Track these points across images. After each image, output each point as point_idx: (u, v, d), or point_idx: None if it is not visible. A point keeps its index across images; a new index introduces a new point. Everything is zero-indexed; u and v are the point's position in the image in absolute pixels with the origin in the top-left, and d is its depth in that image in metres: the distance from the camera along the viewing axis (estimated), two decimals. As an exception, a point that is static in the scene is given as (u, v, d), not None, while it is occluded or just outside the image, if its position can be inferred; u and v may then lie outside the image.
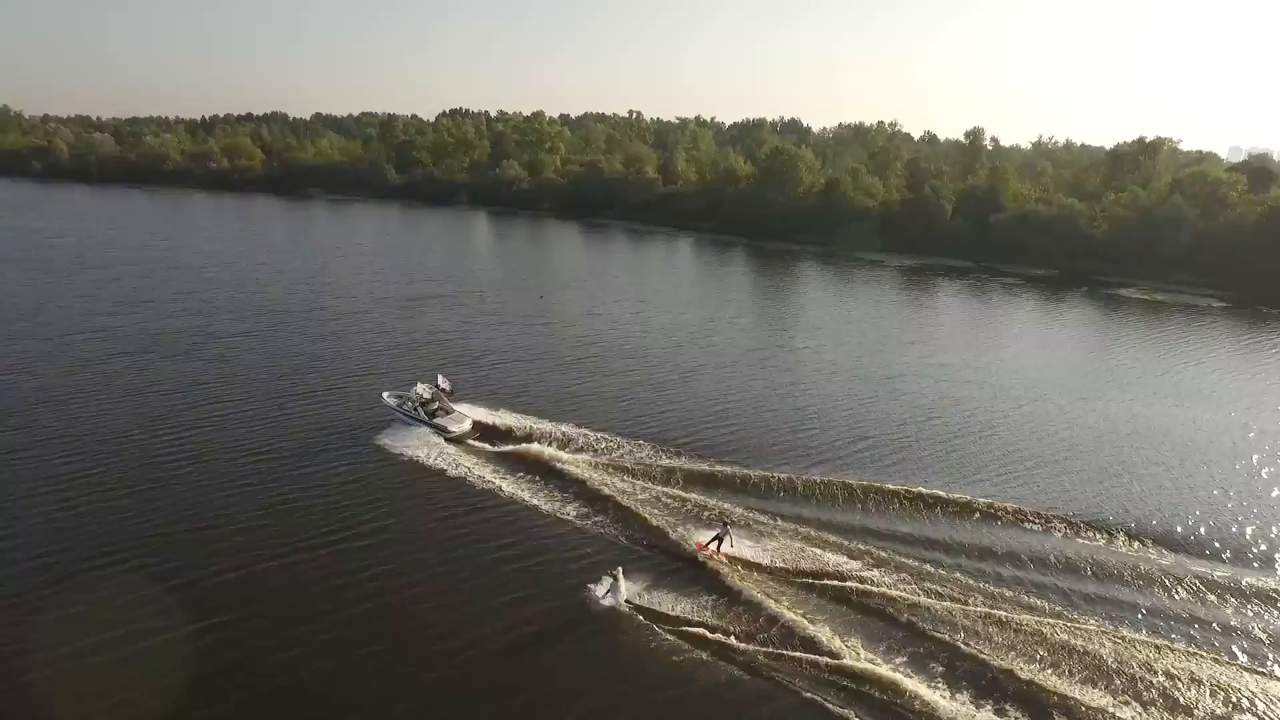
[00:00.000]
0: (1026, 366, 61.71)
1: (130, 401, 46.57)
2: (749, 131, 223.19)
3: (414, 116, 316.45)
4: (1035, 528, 35.06)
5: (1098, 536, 34.58)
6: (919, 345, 66.35)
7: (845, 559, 31.71)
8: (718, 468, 39.89)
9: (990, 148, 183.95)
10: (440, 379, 46.85)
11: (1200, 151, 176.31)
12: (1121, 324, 78.16)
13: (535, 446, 41.49)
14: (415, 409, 44.03)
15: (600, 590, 28.57)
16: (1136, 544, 34.09)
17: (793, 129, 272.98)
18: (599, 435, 43.26)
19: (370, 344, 61.07)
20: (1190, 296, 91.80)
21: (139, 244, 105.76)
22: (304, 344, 60.17)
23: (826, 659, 25.53)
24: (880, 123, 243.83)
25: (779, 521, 34.53)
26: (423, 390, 45.24)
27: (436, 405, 44.48)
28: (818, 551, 32.13)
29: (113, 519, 33.26)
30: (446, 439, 42.23)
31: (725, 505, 35.68)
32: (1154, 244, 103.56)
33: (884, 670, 25.10)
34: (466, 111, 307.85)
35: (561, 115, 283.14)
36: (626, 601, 28.20)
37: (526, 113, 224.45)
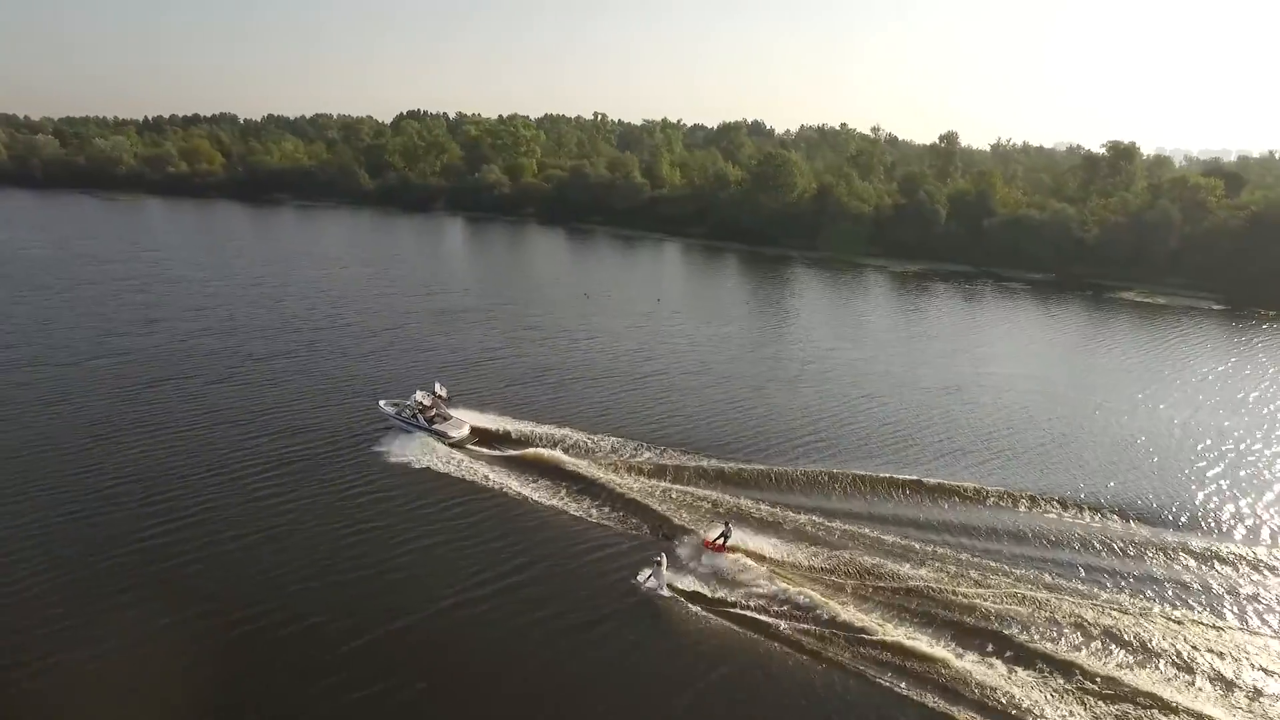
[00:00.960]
0: (1081, 375, 62.78)
1: (196, 436, 43.71)
2: (724, 134, 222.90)
3: (369, 118, 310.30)
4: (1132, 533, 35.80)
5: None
6: (965, 354, 67.20)
7: (863, 548, 34.12)
8: (724, 464, 41.69)
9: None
10: (437, 386, 47.00)
11: (1159, 156, 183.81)
12: (1142, 329, 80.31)
13: (543, 450, 42.28)
14: (414, 416, 44.42)
15: (643, 577, 30.65)
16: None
17: (756, 131, 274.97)
18: (600, 438, 44.29)
19: (422, 361, 58.87)
20: (1188, 299, 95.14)
21: (122, 255, 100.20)
22: (348, 364, 57.66)
23: (831, 628, 28.37)
24: (844, 124, 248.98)
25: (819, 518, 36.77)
26: (422, 397, 45.54)
27: (435, 412, 44.89)
28: (838, 541, 34.65)
29: (229, 567, 31.05)
30: (447, 444, 42.82)
31: (729, 499, 37.79)
32: (1144, 248, 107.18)
33: (892, 637, 27.73)
34: (425, 113, 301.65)
35: (520, 117, 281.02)
36: (667, 586, 30.35)
37: (473, 113, 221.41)
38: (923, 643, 27.61)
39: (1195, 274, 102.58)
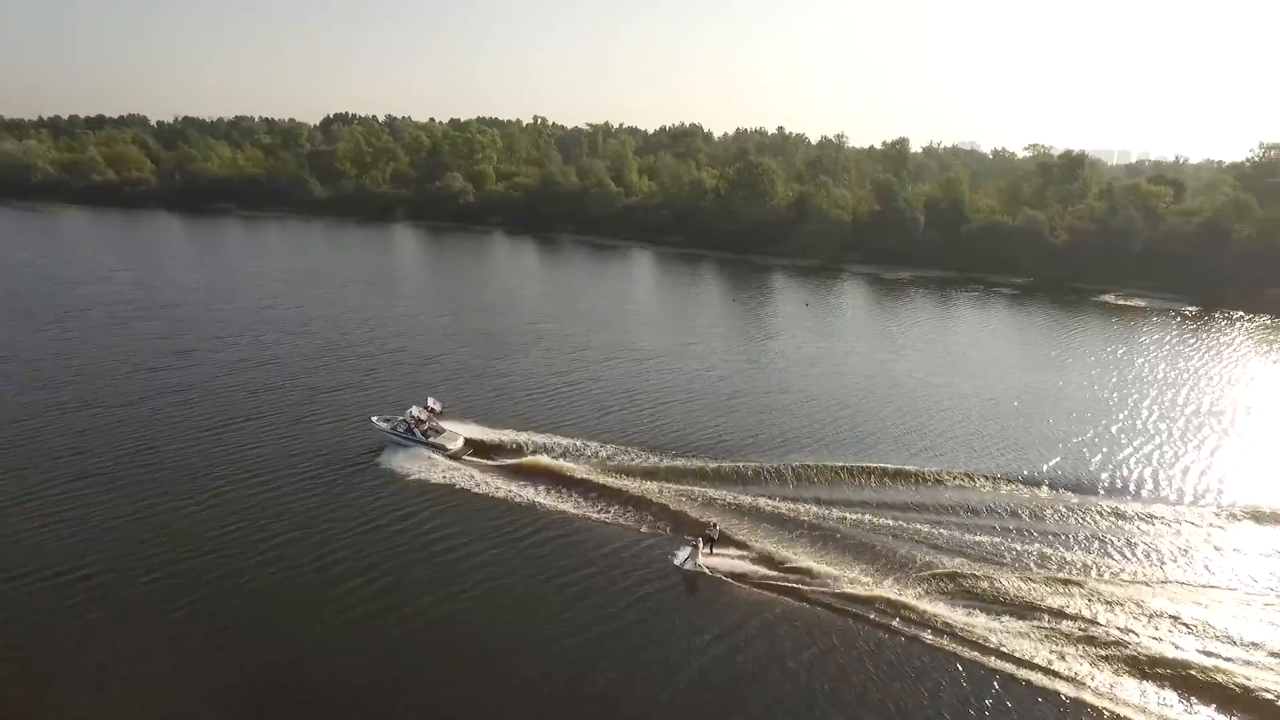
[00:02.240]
0: (1130, 387, 66.20)
1: (324, 477, 41.27)
2: (680, 139, 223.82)
3: (292, 120, 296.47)
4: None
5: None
6: (997, 365, 70.06)
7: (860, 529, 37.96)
8: (717, 464, 44.39)
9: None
10: (430, 400, 48.04)
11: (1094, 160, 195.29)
12: (1140, 332, 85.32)
13: (540, 458, 43.92)
14: (409, 430, 45.26)
15: (681, 558, 33.97)
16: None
17: (694, 134, 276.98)
18: (591, 443, 46.19)
19: (504, 387, 57.26)
20: (1161, 302, 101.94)
21: (90, 276, 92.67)
22: (418, 391, 55.04)
23: (840, 592, 32.48)
24: (781, 127, 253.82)
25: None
26: (417, 412, 46.33)
27: (428, 425, 45.83)
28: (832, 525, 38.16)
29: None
30: (445, 456, 44.07)
31: (724, 496, 40.56)
32: (1111, 252, 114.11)
33: (884, 592, 32.31)
34: (354, 116, 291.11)
35: (452, 120, 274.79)
36: (701, 565, 33.43)
37: (403, 116, 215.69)
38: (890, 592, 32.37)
39: (1160, 277, 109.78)
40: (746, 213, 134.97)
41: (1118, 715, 26.49)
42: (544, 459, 43.82)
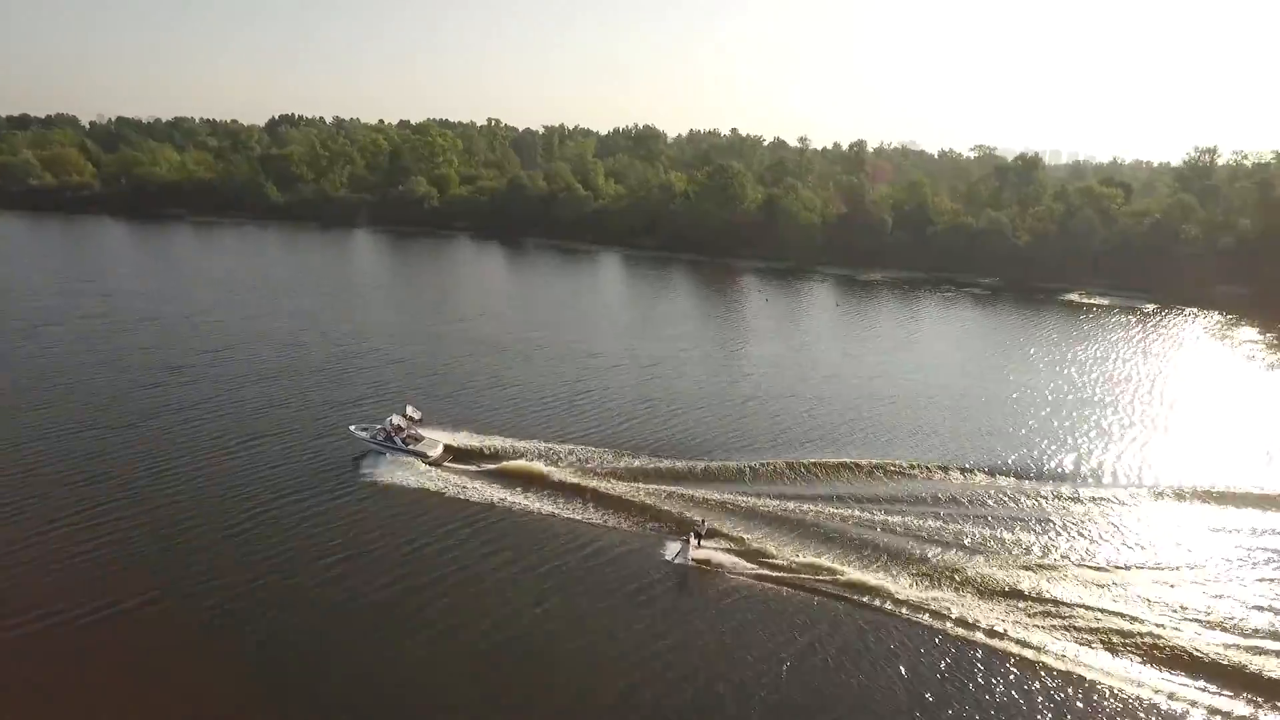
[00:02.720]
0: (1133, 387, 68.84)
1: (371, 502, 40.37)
2: (642, 141, 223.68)
3: (236, 122, 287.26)
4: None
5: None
6: (986, 363, 72.43)
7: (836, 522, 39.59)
8: (694, 464, 45.55)
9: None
10: (409, 408, 47.86)
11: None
12: (1112, 330, 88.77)
13: (520, 462, 44.42)
14: (389, 438, 45.25)
15: (672, 553, 35.24)
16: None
17: (655, 136, 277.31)
18: (566, 446, 46.98)
19: (482, 393, 56.60)
20: (1122, 299, 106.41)
21: (49, 288, 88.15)
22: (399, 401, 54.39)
23: (823, 577, 34.31)
24: (735, 129, 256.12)
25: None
26: (397, 420, 46.31)
27: (407, 433, 45.97)
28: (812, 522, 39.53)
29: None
30: (426, 463, 44.17)
31: (704, 495, 41.56)
32: (1070, 253, 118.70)
33: (854, 574, 34.24)
34: (300, 117, 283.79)
35: (402, 121, 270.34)
36: (691, 559, 34.84)
37: (351, 118, 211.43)
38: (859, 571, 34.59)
39: (1111, 274, 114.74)
40: (718, 216, 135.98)
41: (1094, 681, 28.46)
42: (524, 463, 44.28)
